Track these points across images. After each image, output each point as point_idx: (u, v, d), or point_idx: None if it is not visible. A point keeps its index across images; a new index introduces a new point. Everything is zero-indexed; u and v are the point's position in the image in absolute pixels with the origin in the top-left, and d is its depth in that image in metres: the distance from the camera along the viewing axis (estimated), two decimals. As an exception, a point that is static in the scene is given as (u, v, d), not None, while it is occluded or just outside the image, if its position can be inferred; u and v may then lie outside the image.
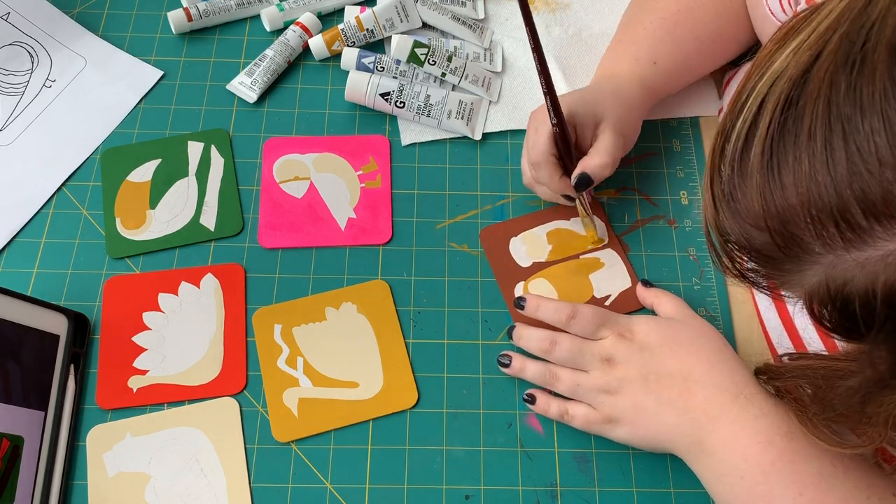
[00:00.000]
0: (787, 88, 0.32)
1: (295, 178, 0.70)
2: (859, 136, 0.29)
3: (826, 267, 0.33)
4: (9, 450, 0.54)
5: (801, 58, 0.32)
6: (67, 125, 0.73)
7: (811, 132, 0.31)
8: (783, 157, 0.32)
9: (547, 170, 0.63)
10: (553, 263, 0.67)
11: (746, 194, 0.34)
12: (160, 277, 0.66)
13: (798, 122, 0.31)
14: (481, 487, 0.59)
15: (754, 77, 0.34)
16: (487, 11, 0.81)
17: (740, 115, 0.34)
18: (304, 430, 0.60)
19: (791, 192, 0.31)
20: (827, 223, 0.31)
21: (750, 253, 0.36)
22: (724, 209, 0.36)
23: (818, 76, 0.31)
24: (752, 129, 0.33)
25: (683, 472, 0.59)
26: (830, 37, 0.31)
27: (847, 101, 0.30)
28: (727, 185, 0.35)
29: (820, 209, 0.31)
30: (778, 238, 0.33)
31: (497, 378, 0.63)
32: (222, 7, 0.77)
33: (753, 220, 0.34)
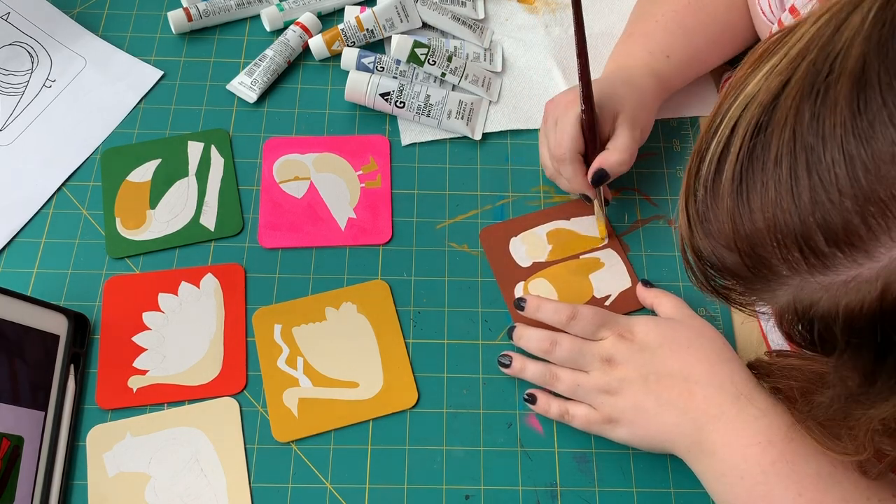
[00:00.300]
0: (757, 114, 0.33)
1: (295, 178, 0.70)
2: (821, 166, 0.30)
3: (794, 288, 0.34)
4: (9, 450, 0.54)
5: (771, 83, 0.32)
6: (67, 125, 0.73)
7: (777, 160, 0.31)
8: (751, 183, 0.32)
9: (573, 167, 0.64)
10: (553, 263, 0.67)
11: (718, 216, 0.35)
12: (160, 277, 0.66)
13: (766, 149, 0.32)
14: (481, 487, 0.59)
15: (729, 99, 0.35)
16: (487, 11, 0.81)
17: (714, 137, 0.35)
18: (304, 430, 0.60)
19: (758, 216, 0.32)
20: (792, 248, 0.32)
21: (722, 272, 0.37)
22: (698, 229, 0.36)
23: (785, 104, 0.31)
24: (724, 153, 0.34)
25: (683, 472, 0.59)
26: (799, 63, 0.32)
27: (810, 131, 0.30)
28: (701, 205, 0.36)
29: (785, 235, 0.32)
30: (747, 260, 0.34)
31: (497, 378, 0.63)
32: (222, 7, 0.77)
33: (725, 241, 0.35)
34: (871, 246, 0.30)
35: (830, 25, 0.31)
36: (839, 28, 0.31)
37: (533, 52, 0.78)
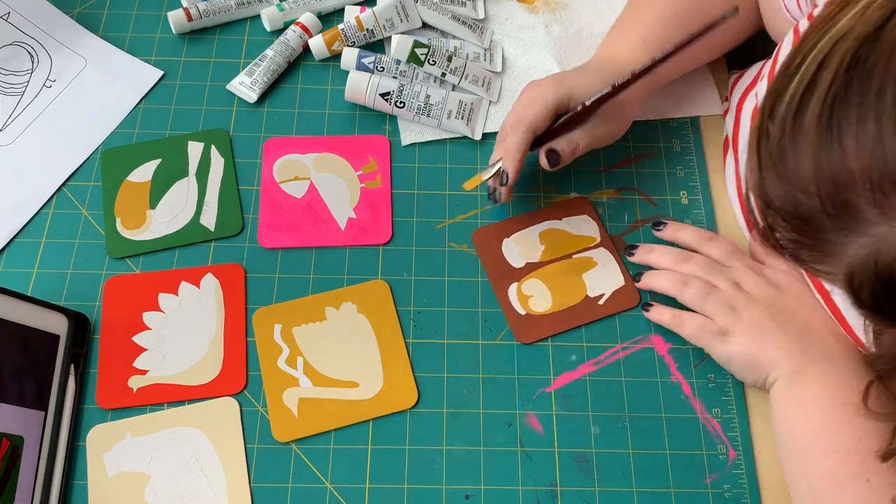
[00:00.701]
0: (854, 47, 0.30)
1: (295, 178, 0.70)
2: None
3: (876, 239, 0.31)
4: (9, 450, 0.54)
5: (870, 16, 0.30)
6: (67, 125, 0.73)
7: (880, 91, 0.29)
8: (845, 118, 0.30)
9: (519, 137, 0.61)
10: (546, 264, 0.67)
11: (798, 156, 0.32)
12: (160, 277, 0.66)
13: (866, 80, 0.29)
14: (481, 487, 0.59)
15: (813, 37, 0.32)
16: (487, 11, 0.81)
17: (796, 75, 0.32)
18: (304, 430, 0.60)
19: (851, 154, 0.30)
20: (889, 191, 0.29)
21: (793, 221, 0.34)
22: (770, 172, 0.34)
23: (892, 34, 0.29)
24: (809, 89, 0.31)
25: (683, 471, 0.59)
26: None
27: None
28: (776, 146, 0.33)
29: (883, 174, 0.29)
30: (828, 204, 0.31)
31: (497, 378, 0.63)
32: (222, 7, 0.77)
33: (802, 184, 0.32)
34: None
35: None
36: None
37: (533, 52, 0.78)
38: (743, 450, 0.60)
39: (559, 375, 0.63)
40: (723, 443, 0.60)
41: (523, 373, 0.63)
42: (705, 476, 0.59)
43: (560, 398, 0.62)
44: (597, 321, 0.65)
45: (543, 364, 0.63)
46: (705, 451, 0.60)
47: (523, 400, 0.62)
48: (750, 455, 0.60)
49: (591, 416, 0.61)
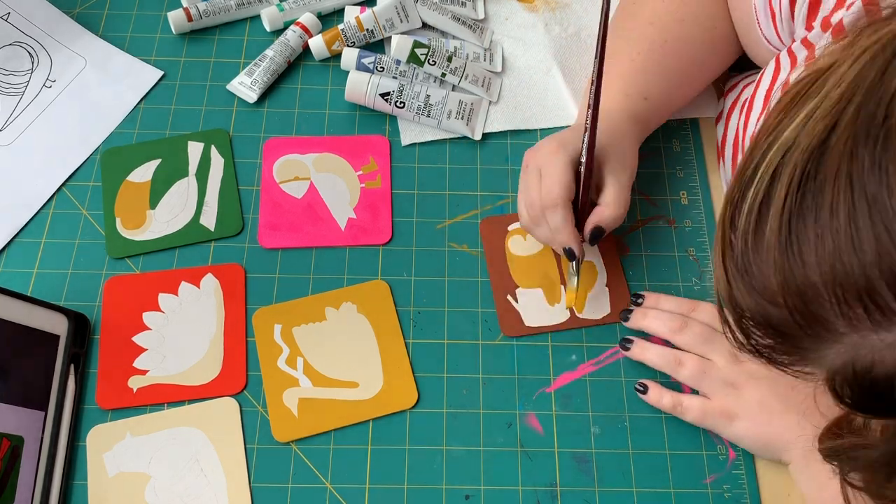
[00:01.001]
0: (802, 160, 0.31)
1: (295, 178, 0.70)
2: (887, 215, 0.28)
3: (851, 347, 0.31)
4: (9, 450, 0.54)
5: (814, 128, 0.31)
6: (67, 125, 0.73)
7: (833, 209, 0.29)
8: (803, 234, 0.30)
9: (563, 214, 0.59)
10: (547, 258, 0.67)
11: (763, 270, 0.32)
12: (160, 277, 0.66)
13: (818, 196, 0.30)
14: (481, 487, 0.59)
15: (762, 146, 0.33)
16: (487, 11, 0.81)
17: (751, 186, 0.33)
18: (304, 430, 0.60)
19: (813, 270, 0.30)
20: (853, 304, 0.30)
21: (766, 329, 0.34)
22: (739, 283, 0.34)
23: (837, 149, 0.30)
24: (765, 202, 0.32)
25: (683, 471, 0.59)
26: (845, 107, 0.30)
27: (872, 178, 0.28)
28: (741, 258, 0.33)
29: (846, 289, 0.29)
30: (798, 316, 0.32)
31: (497, 378, 0.63)
32: (222, 7, 0.77)
33: (771, 296, 0.32)
34: None
35: (874, 68, 0.30)
36: (885, 70, 0.29)
37: (533, 52, 0.78)
38: (743, 450, 0.60)
39: (559, 375, 0.63)
40: (722, 443, 0.60)
41: (523, 373, 0.63)
42: (705, 476, 0.59)
43: (560, 398, 0.62)
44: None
45: (543, 364, 0.63)
46: (705, 451, 0.60)
47: (523, 400, 0.62)
48: (750, 455, 0.60)
49: (591, 416, 0.61)
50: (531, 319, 0.65)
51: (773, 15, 0.59)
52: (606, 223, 0.61)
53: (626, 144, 0.63)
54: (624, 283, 0.66)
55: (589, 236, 0.61)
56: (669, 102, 0.68)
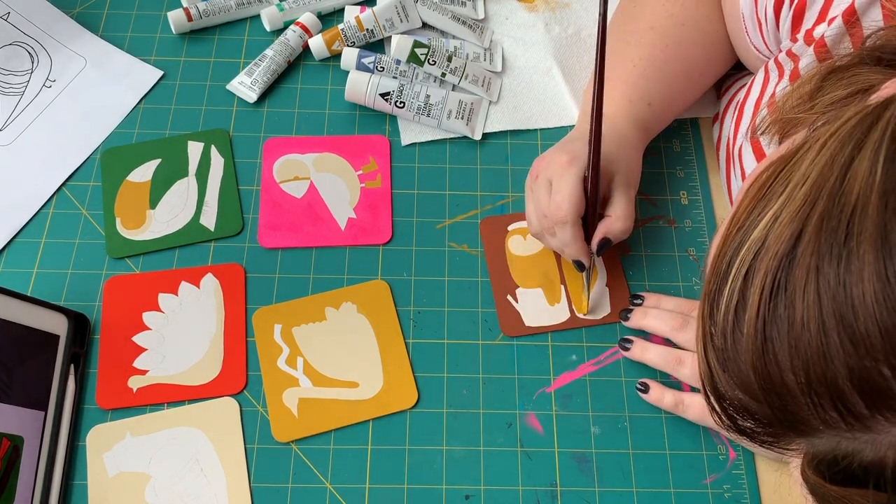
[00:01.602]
0: (773, 267, 0.32)
1: (295, 178, 0.70)
2: (855, 335, 0.29)
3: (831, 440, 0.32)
4: (9, 450, 0.54)
5: (781, 232, 0.32)
6: (67, 125, 0.73)
7: (804, 322, 0.30)
8: (778, 343, 0.31)
9: (573, 230, 0.60)
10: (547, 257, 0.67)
11: (742, 369, 0.33)
12: (160, 277, 0.66)
13: (790, 309, 0.31)
14: (481, 487, 0.59)
15: (733, 240, 0.34)
16: (487, 11, 0.81)
17: (726, 284, 0.34)
18: (304, 430, 0.60)
19: (788, 375, 0.31)
20: (828, 409, 0.31)
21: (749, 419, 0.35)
22: (721, 377, 0.35)
23: (804, 262, 0.31)
24: (740, 304, 0.33)
25: (683, 471, 0.59)
26: (809, 213, 0.31)
27: (838, 297, 0.29)
28: (721, 354, 0.35)
29: (820, 395, 0.30)
30: (778, 413, 0.33)
31: (497, 378, 0.63)
32: (222, 7, 0.77)
33: (752, 393, 0.33)
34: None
35: (834, 169, 0.31)
36: (846, 175, 0.30)
37: (533, 52, 0.78)
38: (743, 450, 0.60)
39: (559, 375, 0.63)
40: (722, 443, 0.60)
41: (523, 373, 0.63)
42: (705, 476, 0.59)
43: (560, 398, 0.62)
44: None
45: (543, 364, 0.63)
46: (705, 451, 0.60)
47: (523, 400, 0.62)
48: (750, 455, 0.60)
49: (591, 416, 0.61)
50: (531, 319, 0.65)
51: (759, 24, 0.59)
52: (615, 235, 0.61)
53: (633, 155, 0.63)
54: (624, 283, 0.66)
55: (597, 248, 0.61)
56: (672, 107, 0.68)
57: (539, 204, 0.62)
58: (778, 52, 0.59)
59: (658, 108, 0.66)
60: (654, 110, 0.66)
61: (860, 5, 0.49)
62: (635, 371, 0.63)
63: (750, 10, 0.59)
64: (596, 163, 0.59)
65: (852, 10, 0.49)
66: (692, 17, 0.66)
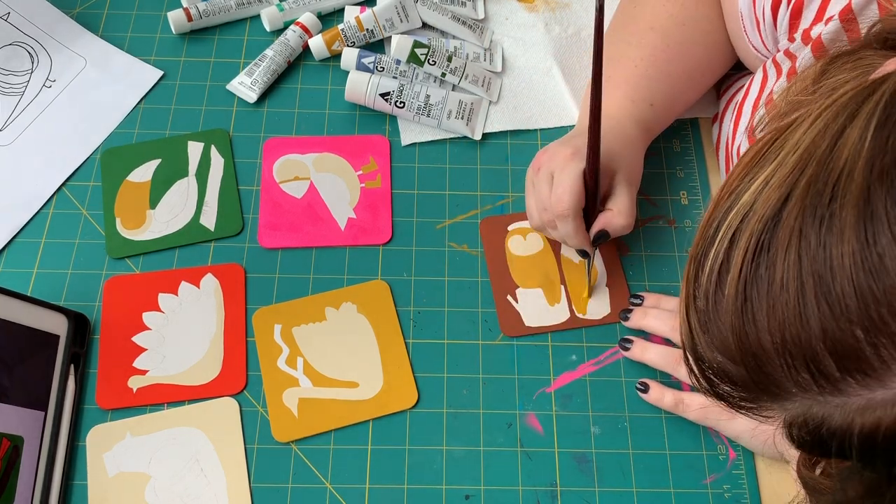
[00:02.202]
0: (758, 230, 0.32)
1: (295, 178, 0.70)
2: (831, 296, 0.29)
3: (804, 404, 0.33)
4: (9, 450, 0.54)
5: (770, 196, 0.32)
6: (67, 125, 0.73)
7: (783, 283, 0.31)
8: (757, 303, 0.32)
9: (574, 224, 0.60)
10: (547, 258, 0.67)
11: (722, 330, 0.34)
12: (160, 277, 0.66)
13: (770, 269, 0.31)
14: (481, 487, 0.59)
15: (723, 204, 0.34)
16: (487, 11, 0.81)
17: (712, 247, 0.34)
18: (304, 430, 0.60)
19: (765, 336, 0.32)
20: (801, 370, 0.31)
21: (727, 382, 0.36)
22: (701, 339, 0.36)
23: (788, 224, 0.31)
24: (724, 266, 0.33)
25: (683, 471, 0.59)
26: (798, 178, 0.31)
27: (818, 258, 0.30)
28: (703, 316, 0.35)
29: (794, 357, 0.31)
30: (753, 375, 0.34)
31: (497, 378, 0.63)
32: (222, 7, 0.77)
33: (729, 355, 0.34)
34: (885, 375, 0.29)
35: (826, 137, 0.31)
36: (836, 143, 0.30)
37: (533, 52, 0.78)
38: (743, 450, 0.60)
39: (559, 375, 0.63)
40: (722, 443, 0.60)
41: (523, 373, 0.63)
42: (705, 476, 0.59)
43: (560, 398, 0.62)
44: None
45: (543, 364, 0.63)
46: (705, 451, 0.60)
47: (523, 400, 0.62)
48: (750, 455, 0.60)
49: (591, 416, 0.61)
50: (531, 319, 0.65)
51: (757, 23, 0.59)
52: (614, 229, 0.61)
53: (635, 154, 0.63)
54: (624, 283, 0.66)
55: (593, 237, 0.62)
56: (673, 107, 0.68)
57: (540, 196, 0.62)
58: (776, 51, 0.59)
59: (660, 108, 0.66)
60: (655, 110, 0.66)
61: (857, 4, 0.49)
62: (635, 371, 0.63)
63: (748, 10, 0.60)
64: (595, 153, 0.58)
65: (849, 8, 0.49)
66: (693, 18, 0.66)
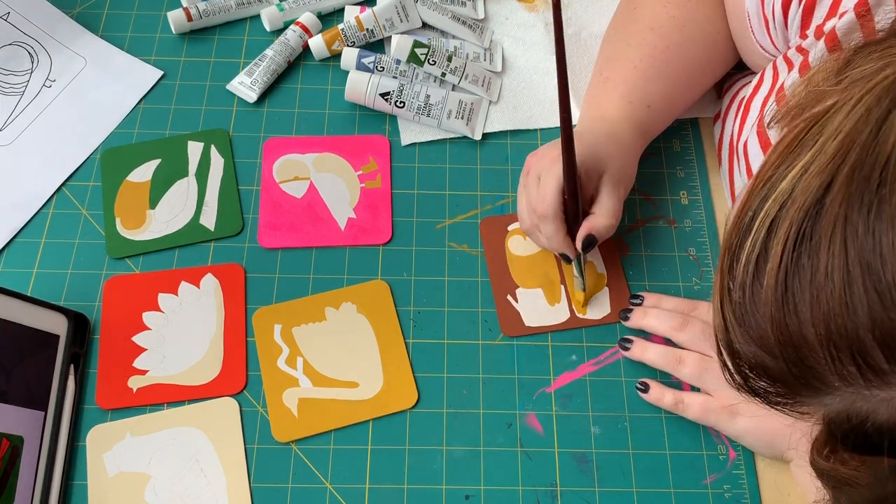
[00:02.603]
0: (799, 218, 0.31)
1: (295, 178, 0.70)
2: (881, 284, 0.28)
3: (846, 398, 0.32)
4: (9, 450, 0.54)
5: (810, 184, 0.31)
6: (67, 125, 0.73)
7: (828, 273, 0.30)
8: (799, 293, 0.31)
9: (554, 225, 0.60)
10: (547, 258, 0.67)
11: (759, 322, 0.33)
12: (160, 277, 0.66)
13: (814, 258, 0.30)
14: (481, 487, 0.59)
15: (758, 193, 0.33)
16: (487, 11, 0.81)
17: (748, 237, 0.33)
18: (304, 430, 0.60)
19: (808, 328, 0.31)
20: (847, 363, 0.30)
21: (764, 376, 0.35)
22: (736, 332, 0.34)
23: (832, 211, 0.30)
24: (762, 256, 0.32)
25: (683, 471, 0.59)
26: (840, 165, 0.30)
27: (866, 246, 0.29)
28: (738, 308, 0.34)
29: (839, 349, 0.30)
30: (793, 368, 0.32)
31: (497, 378, 0.63)
32: (222, 7, 0.77)
33: (767, 348, 0.33)
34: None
35: (869, 122, 0.30)
36: (880, 127, 0.29)
37: (533, 52, 0.78)
38: (743, 450, 0.60)
39: (559, 375, 0.63)
40: (723, 443, 0.60)
41: (523, 373, 0.63)
42: (705, 476, 0.59)
43: (560, 398, 0.62)
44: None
45: (543, 364, 0.63)
46: (705, 451, 0.60)
47: (523, 400, 0.62)
48: (750, 455, 0.60)
49: (591, 416, 0.61)
50: (531, 319, 0.65)
51: (766, 22, 0.59)
52: (598, 232, 0.61)
53: (628, 157, 0.63)
54: (624, 283, 0.66)
55: (582, 245, 0.61)
56: (672, 108, 0.68)
57: (529, 198, 0.62)
58: (786, 49, 0.58)
59: (658, 109, 0.66)
60: (653, 112, 0.66)
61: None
62: (635, 371, 0.63)
63: (756, 9, 0.59)
64: (570, 158, 0.57)
65: (864, 2, 0.49)
66: (692, 19, 0.66)
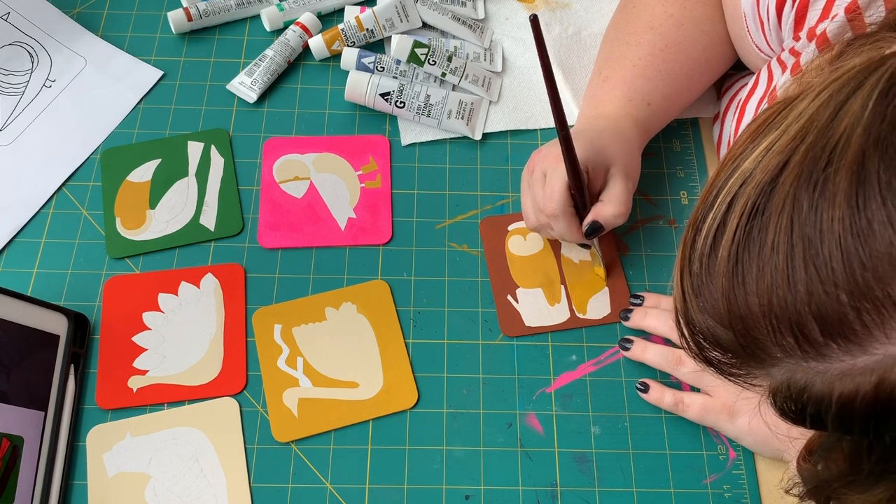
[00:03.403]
0: (754, 194, 0.32)
1: (295, 178, 0.70)
2: (818, 259, 0.30)
3: (788, 370, 0.34)
4: (9, 450, 0.54)
5: (769, 162, 0.32)
6: (67, 125, 0.73)
7: (774, 246, 0.31)
8: (747, 266, 0.32)
9: (565, 221, 0.61)
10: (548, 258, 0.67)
11: (713, 293, 0.34)
12: (160, 277, 0.66)
13: (763, 233, 0.32)
14: (481, 487, 0.59)
15: (725, 171, 0.35)
16: (487, 11, 0.81)
17: (710, 211, 0.35)
18: (304, 430, 0.60)
19: (753, 299, 0.32)
20: (786, 334, 0.32)
21: (716, 347, 0.36)
22: (693, 303, 0.36)
23: (783, 189, 0.31)
24: (720, 230, 0.34)
25: (683, 471, 0.59)
26: (798, 146, 0.31)
27: (808, 222, 0.30)
28: (696, 280, 0.36)
29: (780, 320, 0.32)
30: (741, 339, 0.34)
31: (497, 378, 0.63)
32: (222, 7, 0.77)
33: (719, 318, 0.35)
34: (866, 341, 0.30)
35: (829, 107, 0.31)
36: (837, 112, 0.31)
37: (533, 52, 0.78)
38: (743, 450, 0.60)
39: (559, 375, 0.63)
40: (723, 443, 0.60)
41: (523, 373, 0.63)
42: (705, 476, 0.59)
43: (560, 398, 0.62)
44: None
45: (543, 364, 0.63)
46: (705, 451, 0.60)
47: (523, 400, 0.62)
48: (750, 455, 0.60)
49: (591, 416, 0.61)
50: (531, 319, 0.65)
51: (762, 23, 0.59)
52: (605, 219, 0.61)
53: (632, 152, 0.63)
54: (624, 283, 0.66)
55: (586, 230, 0.61)
56: (671, 107, 0.68)
57: (535, 198, 0.62)
58: (781, 51, 0.59)
59: (657, 107, 0.66)
60: (653, 110, 0.66)
61: (863, 1, 0.49)
62: (635, 371, 0.63)
63: (752, 10, 0.59)
64: (570, 154, 0.58)
65: (855, 4, 0.49)
66: (692, 18, 0.66)
